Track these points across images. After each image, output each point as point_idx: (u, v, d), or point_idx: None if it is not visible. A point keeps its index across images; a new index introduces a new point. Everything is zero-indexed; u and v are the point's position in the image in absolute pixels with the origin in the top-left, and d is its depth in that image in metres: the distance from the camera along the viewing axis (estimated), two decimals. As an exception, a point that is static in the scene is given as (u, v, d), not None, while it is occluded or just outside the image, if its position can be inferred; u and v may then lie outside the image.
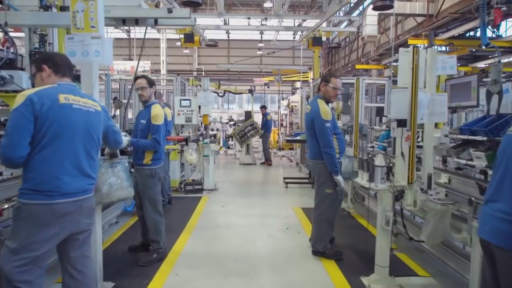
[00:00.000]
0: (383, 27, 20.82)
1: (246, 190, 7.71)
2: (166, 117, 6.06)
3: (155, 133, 3.84)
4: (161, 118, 3.92)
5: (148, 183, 3.89)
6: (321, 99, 4.01)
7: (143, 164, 3.87)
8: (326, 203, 4.04)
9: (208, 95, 7.20)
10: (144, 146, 3.83)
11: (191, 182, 7.31)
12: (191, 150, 6.79)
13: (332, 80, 3.97)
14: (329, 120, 3.86)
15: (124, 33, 26.85)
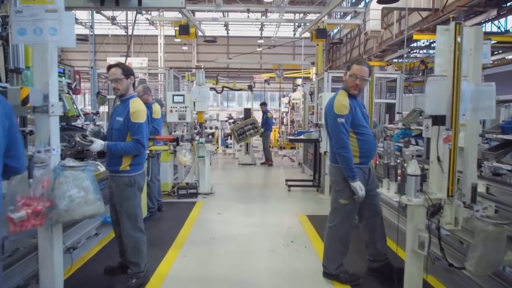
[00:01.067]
0: (386, 23, 20.05)
1: (245, 194, 6.98)
2: (149, 114, 5.41)
3: (137, 133, 3.12)
4: (143, 114, 3.19)
5: (126, 194, 3.16)
6: (344, 90, 3.30)
7: (120, 171, 3.14)
8: (340, 216, 3.31)
9: (203, 90, 6.47)
10: (125, 150, 3.10)
11: (184, 185, 6.58)
12: (184, 151, 6.07)
13: (352, 67, 3.23)
14: (343, 114, 3.13)
15: (122, 30, 26.14)
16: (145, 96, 5.20)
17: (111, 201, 3.22)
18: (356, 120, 3.18)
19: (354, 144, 3.19)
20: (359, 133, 3.20)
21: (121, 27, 26.22)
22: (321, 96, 6.53)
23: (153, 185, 5.28)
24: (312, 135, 7.09)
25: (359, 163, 3.20)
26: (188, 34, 8.76)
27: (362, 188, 3.13)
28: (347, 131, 3.14)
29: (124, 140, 3.13)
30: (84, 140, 3.05)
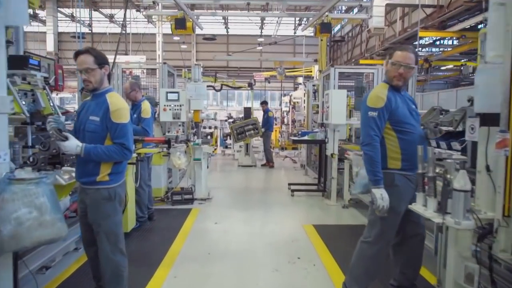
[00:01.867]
0: (389, 20, 19.48)
1: (245, 200, 6.39)
2: (138, 114, 4.82)
3: (121, 135, 2.52)
4: (127, 113, 2.60)
5: (105, 210, 2.55)
6: (384, 82, 2.76)
7: (97, 182, 2.53)
8: (375, 231, 2.70)
9: (199, 86, 5.88)
10: (108, 156, 2.50)
11: (179, 190, 5.99)
12: (179, 153, 5.50)
13: (394, 54, 2.64)
14: (376, 107, 2.58)
15: (119, 28, 25.54)
16: (133, 93, 4.62)
17: (83, 219, 2.62)
18: (398, 115, 2.60)
19: (394, 145, 2.62)
20: (401, 131, 2.61)
21: (119, 25, 25.63)
22: (328, 94, 5.95)
23: (142, 191, 4.69)
24: (317, 135, 6.51)
25: (401, 168, 2.61)
26: (185, 28, 8.17)
27: (385, 198, 2.53)
28: (378, 128, 2.57)
29: (100, 144, 2.52)
30: (59, 134, 2.41)
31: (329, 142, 6.00)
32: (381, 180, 2.57)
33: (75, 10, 23.44)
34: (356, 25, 23.45)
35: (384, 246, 2.72)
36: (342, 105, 5.79)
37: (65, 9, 24.03)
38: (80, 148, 2.41)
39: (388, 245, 2.75)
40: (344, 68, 6.63)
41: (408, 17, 18.68)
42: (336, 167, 6.00)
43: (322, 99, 7.11)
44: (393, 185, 2.60)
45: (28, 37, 26.51)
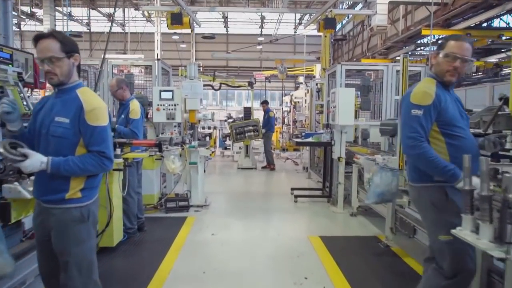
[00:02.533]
0: (391, 19, 19.01)
1: (245, 207, 5.89)
2: (126, 114, 4.31)
3: (99, 141, 2.01)
4: (105, 113, 2.08)
5: (77, 235, 2.01)
6: (431, 77, 2.26)
7: (65, 200, 1.99)
8: (448, 260, 2.10)
9: (195, 84, 5.38)
10: (84, 169, 1.99)
11: (174, 197, 5.50)
12: (173, 157, 5.01)
13: (448, 44, 2.15)
14: (422, 105, 2.10)
15: (119, 28, 25.08)
16: (120, 91, 4.12)
17: (42, 245, 2.07)
18: (447, 116, 2.12)
19: (442, 151, 2.13)
20: (451, 135, 2.13)
21: (118, 24, 25.16)
22: (334, 92, 5.45)
23: (131, 200, 4.19)
24: (322, 137, 6.01)
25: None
26: (181, 24, 7.67)
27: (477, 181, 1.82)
28: (423, 129, 2.09)
29: (69, 153, 1.98)
30: (10, 152, 1.82)
31: (336, 144, 5.51)
32: (455, 170, 2.02)
33: (64, 9, 22.99)
34: (357, 24, 22.98)
35: (466, 278, 2.13)
36: (350, 105, 5.30)
37: (63, 8, 23.53)
38: (46, 164, 1.88)
39: (471, 276, 2.14)
40: (351, 65, 6.14)
41: (411, 15, 18.21)
42: (343, 171, 5.51)
43: (327, 98, 6.62)
44: (448, 200, 2.09)
45: (26, 36, 26.07)
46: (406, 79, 3.78)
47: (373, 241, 4.31)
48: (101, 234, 3.72)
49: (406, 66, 3.74)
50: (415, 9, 17.94)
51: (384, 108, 5.95)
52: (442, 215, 2.09)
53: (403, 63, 3.72)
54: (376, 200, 3.74)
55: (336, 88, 5.59)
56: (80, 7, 24.08)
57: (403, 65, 3.71)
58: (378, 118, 6.60)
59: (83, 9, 24.48)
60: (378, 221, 4.85)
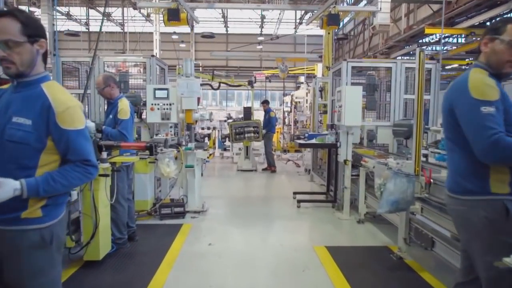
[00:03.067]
0: (393, 18, 18.63)
1: (245, 213, 5.50)
2: (114, 114, 3.91)
3: (80, 149, 1.67)
4: (80, 112, 1.70)
5: (34, 264, 1.60)
6: (480, 68, 1.85)
7: (21, 220, 1.57)
8: None
9: (191, 82, 4.99)
10: (68, 186, 1.65)
11: (169, 202, 5.11)
12: (168, 160, 4.63)
13: (507, 28, 1.76)
14: (491, 100, 1.70)
15: (118, 27, 24.71)
16: (108, 89, 3.73)
17: None
18: (509, 116, 1.74)
19: None
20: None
21: (117, 24, 24.78)
22: (340, 91, 5.06)
23: (120, 208, 3.81)
24: (326, 138, 5.62)
25: (509, 192, 1.73)
26: (179, 20, 7.29)
27: None
28: (499, 125, 1.68)
29: (31, 162, 1.59)
30: None
31: (342, 146, 5.12)
32: None
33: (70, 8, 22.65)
34: (358, 24, 22.60)
35: None
36: (357, 104, 4.92)
37: (61, 7, 23.15)
38: (21, 190, 1.50)
39: None
40: (357, 62, 5.75)
41: (414, 14, 17.83)
42: (349, 175, 5.12)
43: (331, 97, 6.24)
44: (509, 218, 1.71)
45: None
46: (423, 76, 3.39)
47: (384, 252, 3.92)
48: (86, 246, 3.35)
49: (423, 61, 3.35)
50: (417, 7, 17.56)
51: (392, 107, 5.56)
52: (500, 236, 1.70)
53: (419, 57, 3.33)
54: (389, 209, 3.36)
55: (341, 86, 5.21)
56: (78, 6, 23.71)
57: (420, 59, 3.33)
58: (384, 118, 6.24)
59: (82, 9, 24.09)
60: (388, 229, 4.47)
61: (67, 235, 3.12)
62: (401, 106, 5.57)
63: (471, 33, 14.06)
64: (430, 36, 16.55)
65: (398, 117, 5.56)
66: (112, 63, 5.83)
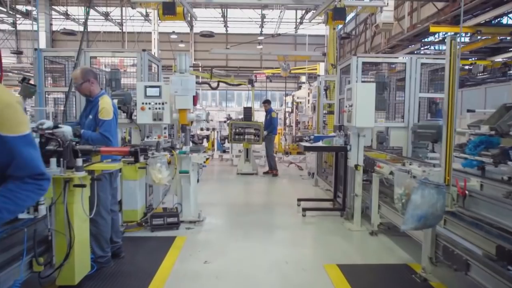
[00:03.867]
0: (396, 16, 18.14)
1: (245, 223, 4.96)
2: (95, 114, 3.37)
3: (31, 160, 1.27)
4: (22, 110, 1.21)
5: None
6: None
7: None
8: None
9: (186, 79, 4.46)
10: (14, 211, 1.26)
11: (161, 212, 4.57)
12: (159, 165, 4.12)
13: None
14: None
15: (116, 27, 24.20)
16: (86, 85, 3.19)
17: None
18: None
19: None
20: None
21: (116, 24, 24.26)
22: (350, 89, 4.54)
23: (102, 222, 3.28)
24: (334, 141, 5.10)
25: None
26: (174, 14, 6.76)
27: None
28: None
29: None
30: None
31: (352, 150, 4.59)
32: None
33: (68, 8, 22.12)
34: (359, 23, 22.08)
35: None
36: (370, 103, 4.39)
37: (59, 7, 22.62)
38: None
39: None
40: (369, 57, 5.22)
41: (417, 12, 17.31)
42: (360, 181, 4.60)
43: (338, 96, 5.72)
44: None
45: (22, 35, 25.16)
46: (455, 68, 2.87)
47: (405, 272, 3.39)
48: (59, 269, 2.82)
49: (455, 51, 2.82)
50: (421, 6, 17.05)
51: (406, 107, 5.03)
52: None
53: (451, 46, 2.80)
54: (416, 226, 2.83)
55: (352, 83, 4.69)
56: (76, 6, 23.18)
57: (451, 49, 2.80)
58: (393, 118, 5.73)
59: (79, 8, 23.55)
60: (406, 243, 3.95)
61: (32, 258, 2.60)
62: (415, 105, 5.04)
63: (478, 31, 13.52)
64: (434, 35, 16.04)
65: (413, 117, 5.03)
66: (109, 62, 5.30)
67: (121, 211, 4.30)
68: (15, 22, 23.78)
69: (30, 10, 21.93)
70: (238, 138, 8.02)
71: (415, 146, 4.76)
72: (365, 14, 21.56)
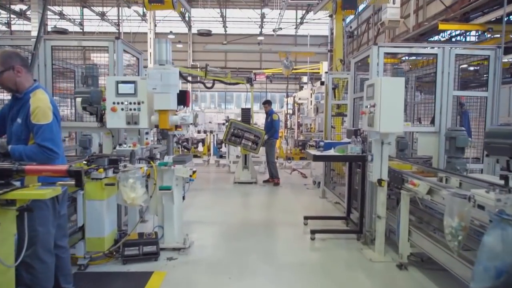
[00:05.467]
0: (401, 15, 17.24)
1: (242, 250, 3.98)
2: (16, 116, 2.29)
3: None
4: None
5: None
6: None
7: None
8: None
9: (167, 73, 3.49)
10: None
11: (136, 239, 3.59)
12: (132, 181, 3.19)
13: None
14: None
15: (113, 27, 23.28)
16: (9, 74, 2.20)
17: None
18: None
19: None
20: None
21: (112, 24, 23.34)
22: (372, 85, 3.57)
23: (41, 267, 2.30)
24: (350, 149, 4.13)
25: None
26: (162, 2, 5.83)
27: None
28: None
29: None
30: None
31: (375, 160, 3.62)
32: None
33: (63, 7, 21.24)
34: (362, 22, 21.15)
35: None
36: (398, 103, 3.43)
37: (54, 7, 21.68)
38: None
39: None
40: (392, 46, 4.27)
41: (423, 10, 16.39)
42: (384, 200, 3.63)
43: (352, 95, 4.76)
44: None
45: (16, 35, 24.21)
46: None
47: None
48: None
49: None
50: (426, 4, 16.14)
51: (438, 108, 4.07)
52: None
53: None
54: (494, 284, 1.87)
55: (374, 78, 3.72)
56: (71, 6, 22.25)
57: None
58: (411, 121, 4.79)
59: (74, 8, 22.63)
60: (447, 281, 2.98)
61: None
62: (449, 106, 4.07)
63: (489, 29, 12.54)
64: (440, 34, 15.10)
65: (446, 120, 4.07)
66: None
67: (84, 239, 3.32)
68: (9, 22, 22.87)
69: (23, 10, 21.02)
70: (234, 139, 7.05)
71: (450, 155, 3.79)
72: (368, 13, 20.67)
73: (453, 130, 3.79)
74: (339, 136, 6.64)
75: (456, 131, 3.75)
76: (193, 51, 23.74)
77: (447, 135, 3.84)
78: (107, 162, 3.25)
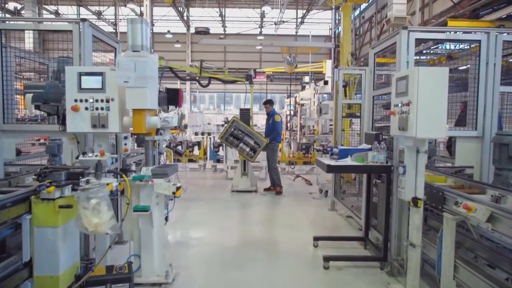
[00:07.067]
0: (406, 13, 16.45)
1: (240, 282, 3.15)
2: None
3: None
4: None
5: None
6: None
7: None
8: None
9: (143, 61, 2.67)
10: None
11: (103, 275, 2.75)
12: (95, 201, 2.38)
13: None
14: None
15: (110, 27, 22.48)
16: None
17: None
18: None
19: None
20: None
21: (109, 23, 22.54)
22: (406, 77, 2.75)
23: None
24: (371, 157, 3.30)
25: None
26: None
27: None
28: None
29: None
30: None
31: (408, 173, 2.79)
32: None
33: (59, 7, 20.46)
34: (364, 21, 20.32)
35: None
36: (441, 100, 2.62)
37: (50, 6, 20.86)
38: None
39: None
40: (427, 31, 3.45)
41: (429, 8, 15.58)
42: (420, 224, 2.81)
43: (372, 92, 3.93)
44: None
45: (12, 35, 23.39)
46: None
47: None
48: None
49: None
50: (433, 1, 15.35)
51: (481, 108, 3.25)
52: None
53: None
54: None
55: (410, 68, 2.90)
56: (67, 5, 21.44)
57: None
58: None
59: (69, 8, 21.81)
60: None
61: None
62: (495, 105, 3.25)
63: (500, 26, 11.73)
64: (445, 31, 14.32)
65: (491, 123, 3.25)
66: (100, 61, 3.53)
67: (31, 278, 2.50)
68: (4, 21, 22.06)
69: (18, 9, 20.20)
70: (231, 140, 6.22)
71: (501, 167, 2.97)
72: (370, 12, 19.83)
73: (505, 135, 2.97)
74: (348, 140, 5.83)
75: (509, 136, 2.94)
76: (192, 51, 22.93)
77: (495, 141, 3.01)
78: (64, 177, 2.49)
